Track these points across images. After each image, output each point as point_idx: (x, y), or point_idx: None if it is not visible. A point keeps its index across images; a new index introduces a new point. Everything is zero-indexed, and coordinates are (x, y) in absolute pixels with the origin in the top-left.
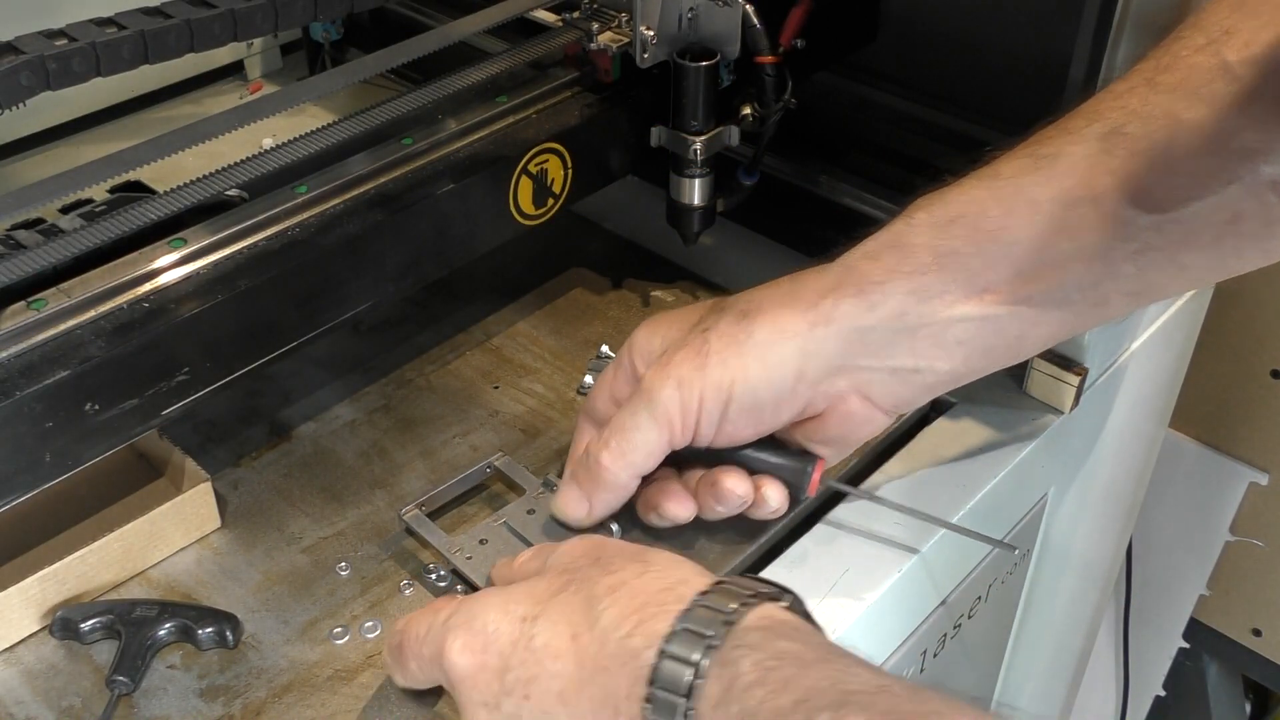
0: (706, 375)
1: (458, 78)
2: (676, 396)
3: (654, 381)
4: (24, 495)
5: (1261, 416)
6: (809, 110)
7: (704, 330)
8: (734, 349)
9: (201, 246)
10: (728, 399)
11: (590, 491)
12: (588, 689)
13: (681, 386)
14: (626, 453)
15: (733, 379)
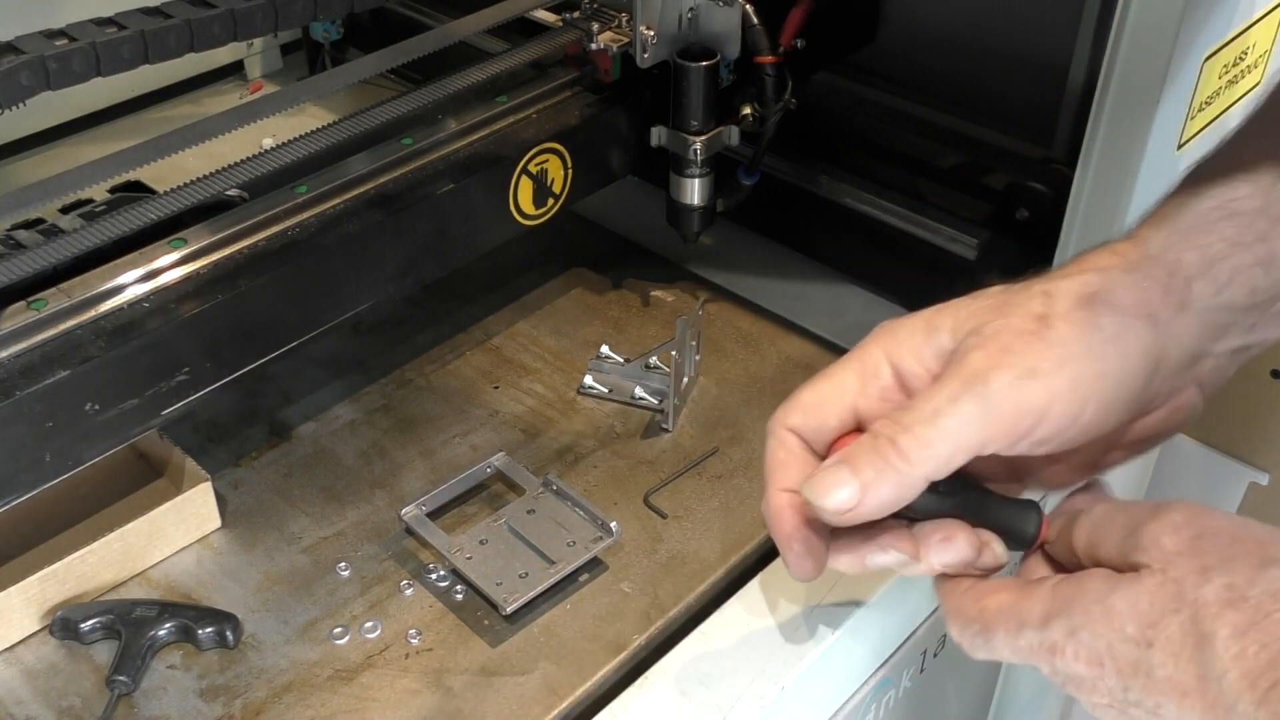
0: (1063, 370)
1: (458, 78)
2: (1017, 390)
3: (989, 366)
4: (24, 495)
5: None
6: (809, 110)
7: (1041, 318)
8: (1097, 338)
9: (201, 246)
10: (1085, 401)
11: (869, 481)
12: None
13: (1033, 377)
14: (934, 443)
15: (1095, 373)
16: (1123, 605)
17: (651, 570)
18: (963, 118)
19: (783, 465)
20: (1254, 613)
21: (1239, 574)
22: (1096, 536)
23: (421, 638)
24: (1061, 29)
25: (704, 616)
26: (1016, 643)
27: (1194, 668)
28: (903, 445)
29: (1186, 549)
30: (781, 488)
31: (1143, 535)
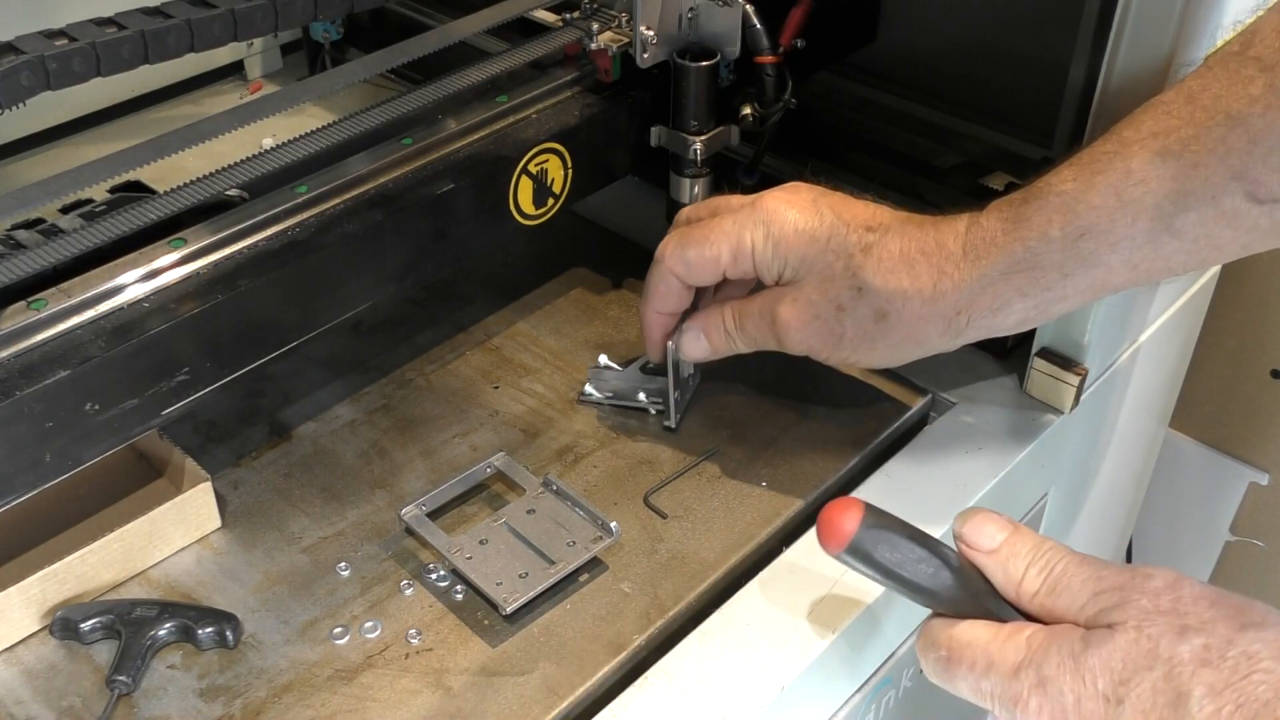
0: (835, 353)
1: (458, 78)
2: (802, 350)
3: (787, 336)
4: (24, 495)
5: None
6: (809, 110)
7: (839, 308)
8: (865, 345)
9: (201, 246)
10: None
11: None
12: None
13: (810, 350)
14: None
15: (856, 361)
16: (1096, 660)
17: (651, 570)
18: (963, 118)
19: (663, 295)
20: (1230, 673)
21: (1217, 635)
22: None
23: (421, 638)
24: (1061, 29)
25: (704, 616)
26: (979, 683)
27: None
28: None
29: (1166, 610)
30: (657, 310)
31: (1126, 596)
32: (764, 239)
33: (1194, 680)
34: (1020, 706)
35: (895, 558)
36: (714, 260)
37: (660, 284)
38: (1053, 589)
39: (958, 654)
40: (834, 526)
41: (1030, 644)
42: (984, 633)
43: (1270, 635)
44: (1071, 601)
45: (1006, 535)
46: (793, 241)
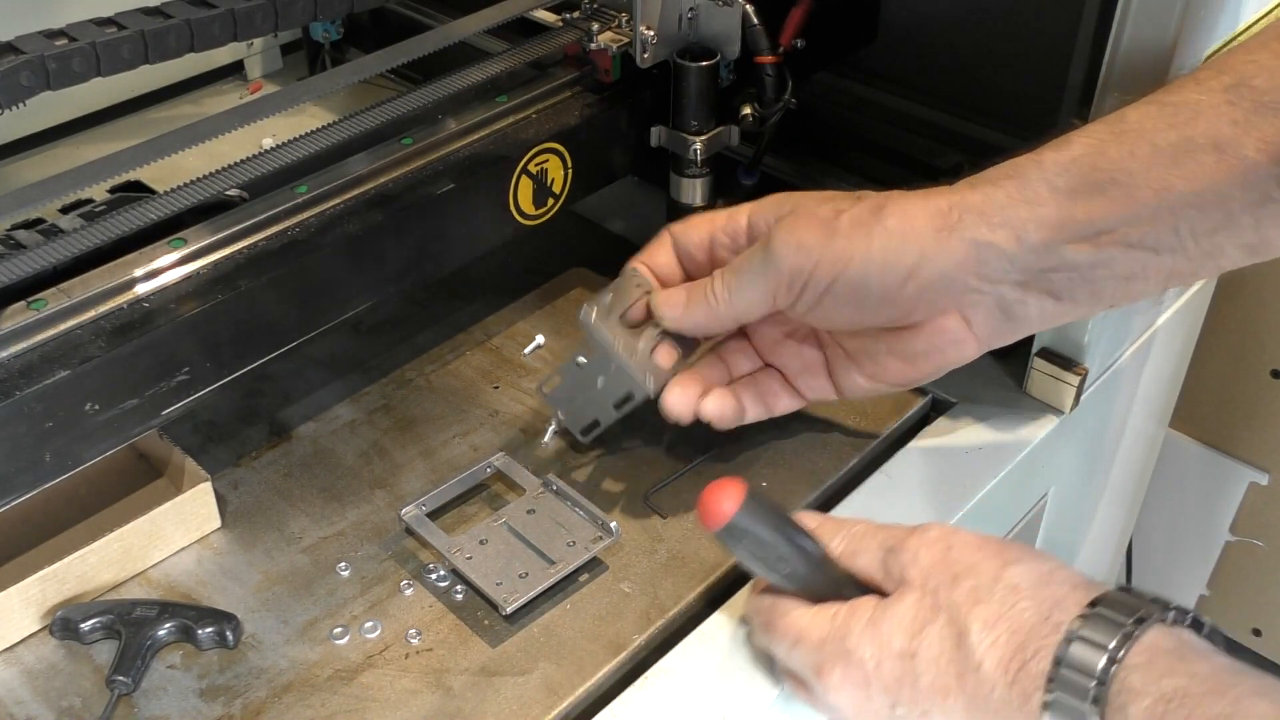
0: (827, 246)
1: (458, 78)
2: (793, 257)
3: (779, 239)
4: (24, 495)
5: (1261, 416)
6: (809, 110)
7: (837, 210)
8: (861, 231)
9: (201, 246)
10: (838, 275)
11: (692, 307)
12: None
13: (801, 250)
14: (735, 291)
15: (851, 256)
16: (889, 623)
17: (651, 570)
18: (963, 118)
19: (652, 249)
20: (1000, 605)
21: (984, 575)
22: (854, 549)
23: (421, 638)
24: (1061, 28)
25: (704, 616)
26: (790, 653)
27: (954, 667)
28: (717, 291)
29: (939, 561)
30: (646, 261)
31: (902, 553)
32: (757, 204)
33: (970, 618)
34: (824, 677)
35: (760, 552)
36: (709, 219)
37: (654, 241)
38: (852, 551)
39: (775, 625)
40: (712, 507)
41: (834, 619)
42: (799, 608)
43: (1026, 567)
44: (868, 560)
45: (820, 520)
46: (787, 197)
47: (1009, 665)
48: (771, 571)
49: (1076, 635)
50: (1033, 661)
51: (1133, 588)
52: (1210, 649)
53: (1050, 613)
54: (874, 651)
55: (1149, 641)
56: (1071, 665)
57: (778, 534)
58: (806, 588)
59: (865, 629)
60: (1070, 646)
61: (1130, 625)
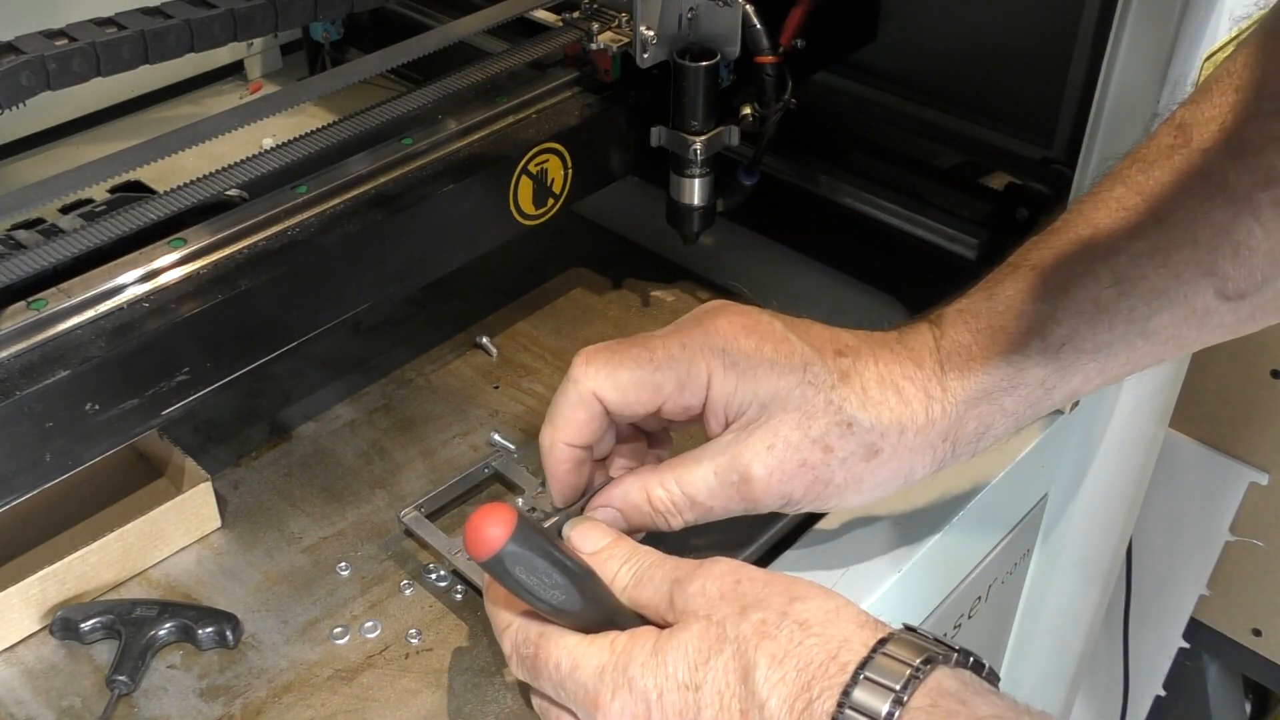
0: (818, 500)
1: (458, 78)
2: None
3: (765, 493)
4: (24, 495)
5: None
6: (809, 110)
7: (826, 449)
8: (852, 488)
9: (201, 246)
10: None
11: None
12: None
13: (786, 502)
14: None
15: (838, 505)
16: (673, 653)
17: None
18: (963, 118)
19: (578, 425)
20: (787, 641)
21: (772, 609)
22: (639, 579)
23: (421, 638)
24: (1061, 29)
25: None
26: (563, 683)
27: (738, 702)
28: (671, 523)
29: (728, 593)
30: (566, 442)
31: (689, 585)
32: (723, 368)
33: (758, 653)
34: (602, 708)
35: (532, 581)
36: (655, 388)
37: (576, 409)
38: (638, 581)
39: (545, 653)
40: (480, 535)
41: (614, 647)
42: (571, 636)
43: (815, 605)
44: (654, 591)
45: (608, 541)
46: (762, 373)
47: (794, 704)
48: (543, 601)
49: (863, 676)
50: (818, 701)
51: (918, 628)
52: (991, 690)
53: (837, 652)
54: (656, 681)
55: (933, 683)
56: (856, 707)
57: (551, 562)
58: (580, 618)
59: (648, 658)
60: (856, 688)
61: (916, 667)
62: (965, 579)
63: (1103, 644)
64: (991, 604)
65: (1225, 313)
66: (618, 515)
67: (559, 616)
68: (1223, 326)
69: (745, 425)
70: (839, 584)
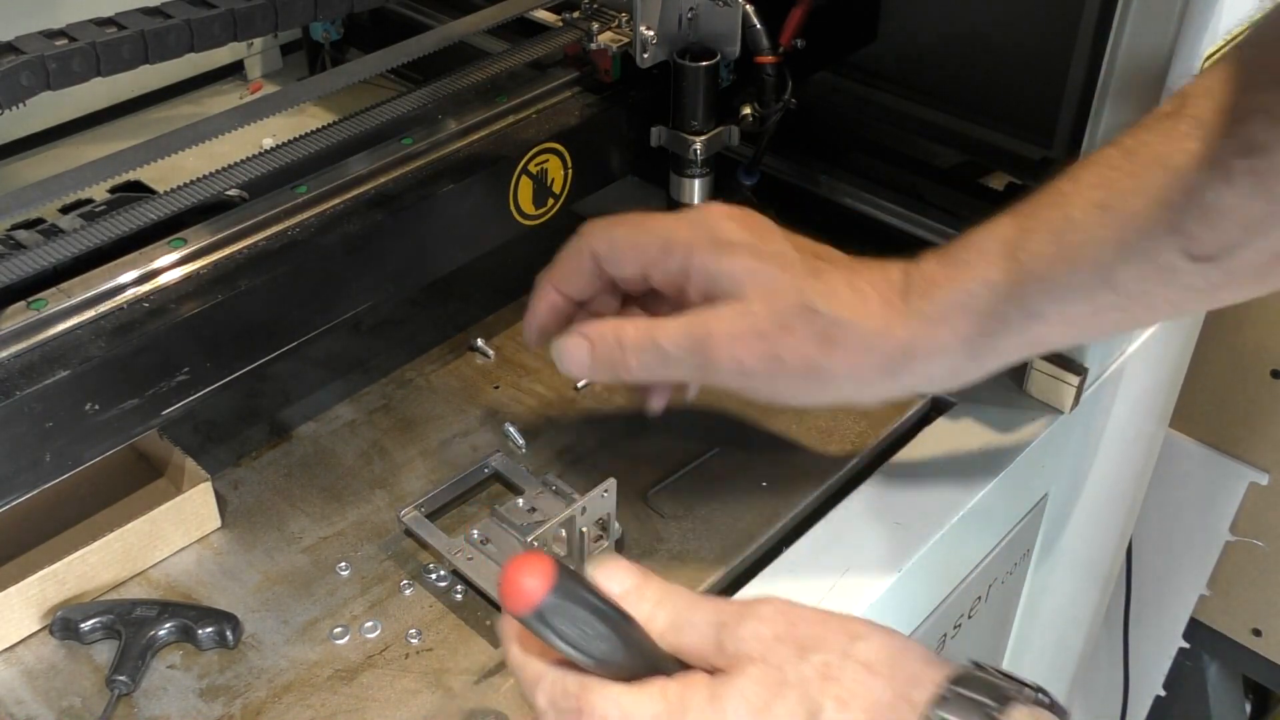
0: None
1: (458, 78)
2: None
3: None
4: (24, 495)
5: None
6: (809, 110)
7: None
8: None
9: (201, 246)
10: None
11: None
12: None
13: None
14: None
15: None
16: (733, 699)
17: (651, 570)
18: (963, 118)
19: (570, 271)
20: (852, 683)
21: (832, 651)
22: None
23: (421, 638)
24: (1061, 29)
25: None
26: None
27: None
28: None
29: (783, 634)
30: (555, 284)
31: (739, 627)
32: (707, 242)
33: (823, 696)
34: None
35: (573, 632)
36: (642, 247)
37: (572, 257)
38: (676, 626)
39: (589, 705)
40: (518, 589)
41: (666, 696)
42: (616, 686)
43: (877, 643)
44: (698, 637)
45: (635, 580)
46: (737, 251)
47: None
48: (585, 653)
49: (939, 715)
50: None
51: (985, 664)
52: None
53: (907, 691)
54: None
55: None
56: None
57: (591, 611)
58: (623, 668)
59: (705, 705)
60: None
61: (993, 705)
62: (965, 579)
63: (1103, 644)
64: (991, 604)
65: (1194, 274)
66: (585, 343)
67: (600, 668)
68: (1194, 289)
69: (719, 295)
70: (838, 585)
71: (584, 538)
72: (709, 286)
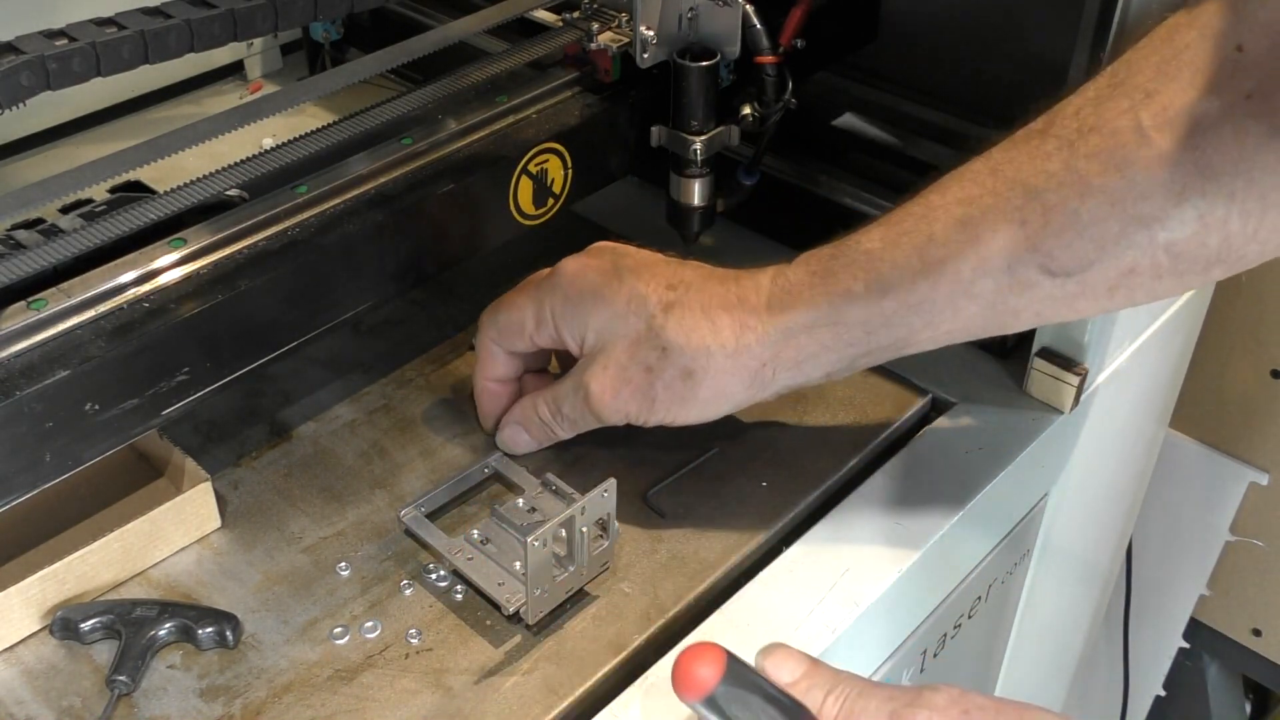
0: (653, 416)
1: (458, 78)
2: (617, 419)
3: (602, 407)
4: (24, 495)
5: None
6: (809, 110)
7: (647, 370)
8: (678, 405)
9: (201, 246)
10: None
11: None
12: None
13: (623, 415)
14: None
15: (671, 420)
16: None
17: (651, 570)
18: (963, 118)
19: (488, 362)
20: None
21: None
22: (851, 712)
23: (421, 638)
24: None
25: (704, 616)
26: None
27: None
28: (557, 431)
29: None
30: (485, 378)
31: (917, 713)
32: (563, 303)
33: None
34: None
35: (749, 716)
36: (519, 324)
37: (482, 350)
38: (849, 714)
39: None
40: (691, 677)
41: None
42: None
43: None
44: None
45: (805, 668)
46: (591, 306)
47: None
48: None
49: None
50: None
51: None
52: None
53: None
54: None
55: None
56: None
57: (764, 698)
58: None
59: None
60: None
61: None
62: (965, 579)
63: (1102, 644)
64: (991, 604)
65: (1052, 287)
66: (519, 429)
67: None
68: (1052, 299)
69: (590, 351)
70: (839, 585)
71: (584, 538)
72: (580, 343)
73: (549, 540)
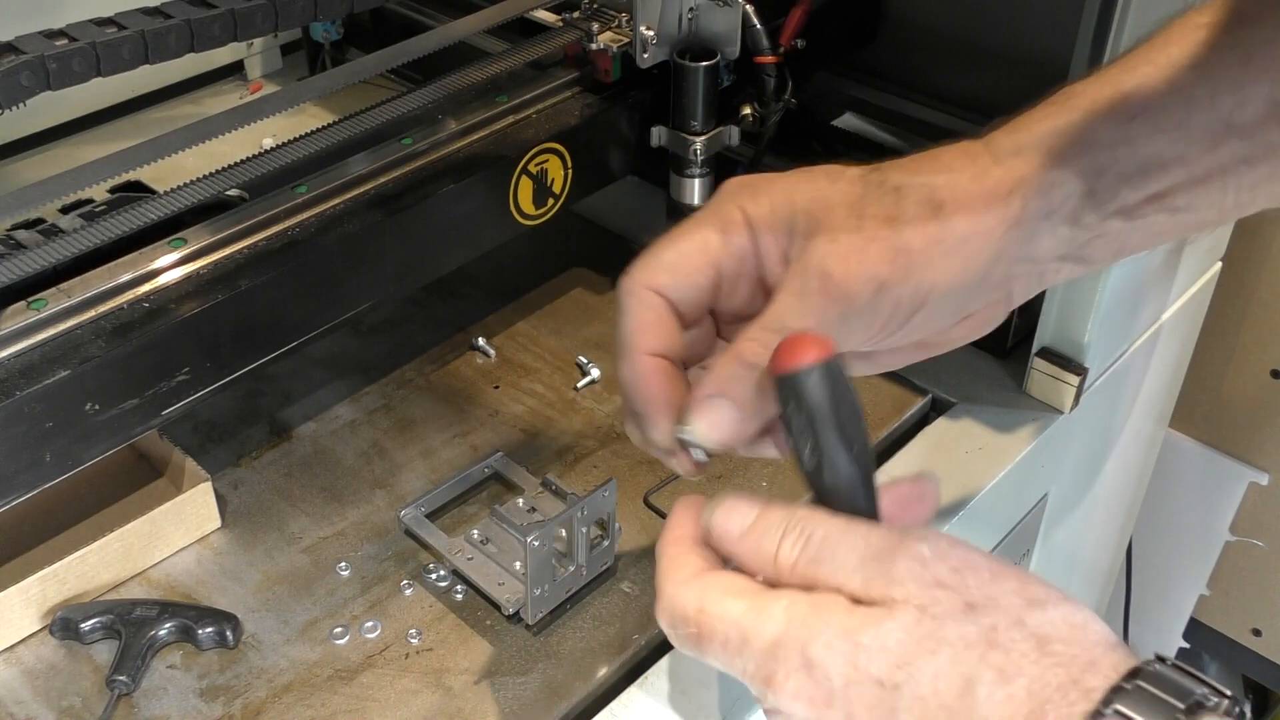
0: (910, 279)
1: (458, 78)
2: (873, 301)
3: (851, 281)
4: (24, 495)
5: (1261, 416)
6: (809, 110)
7: (888, 219)
8: (938, 249)
9: (201, 246)
10: (920, 304)
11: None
12: None
13: (883, 290)
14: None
15: (934, 284)
16: (872, 641)
17: (652, 570)
18: (963, 118)
19: (649, 326)
20: (1020, 657)
21: (1004, 615)
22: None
23: (421, 638)
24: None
25: None
26: (733, 660)
27: (945, 714)
28: None
29: (948, 582)
30: (648, 351)
31: (894, 563)
32: (752, 197)
33: (983, 665)
34: (775, 687)
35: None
36: (701, 249)
37: (640, 312)
38: (814, 557)
39: (708, 629)
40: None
41: (790, 616)
42: (735, 605)
43: (1057, 615)
44: (837, 568)
45: (758, 513)
46: (788, 183)
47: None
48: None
49: (1114, 710)
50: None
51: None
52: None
53: (1081, 676)
54: (844, 668)
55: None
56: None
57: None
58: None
59: (837, 638)
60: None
61: (1180, 709)
62: None
63: None
64: None
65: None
66: (723, 402)
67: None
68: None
69: (801, 240)
70: None
71: (584, 538)
72: (783, 238)
73: (549, 540)
